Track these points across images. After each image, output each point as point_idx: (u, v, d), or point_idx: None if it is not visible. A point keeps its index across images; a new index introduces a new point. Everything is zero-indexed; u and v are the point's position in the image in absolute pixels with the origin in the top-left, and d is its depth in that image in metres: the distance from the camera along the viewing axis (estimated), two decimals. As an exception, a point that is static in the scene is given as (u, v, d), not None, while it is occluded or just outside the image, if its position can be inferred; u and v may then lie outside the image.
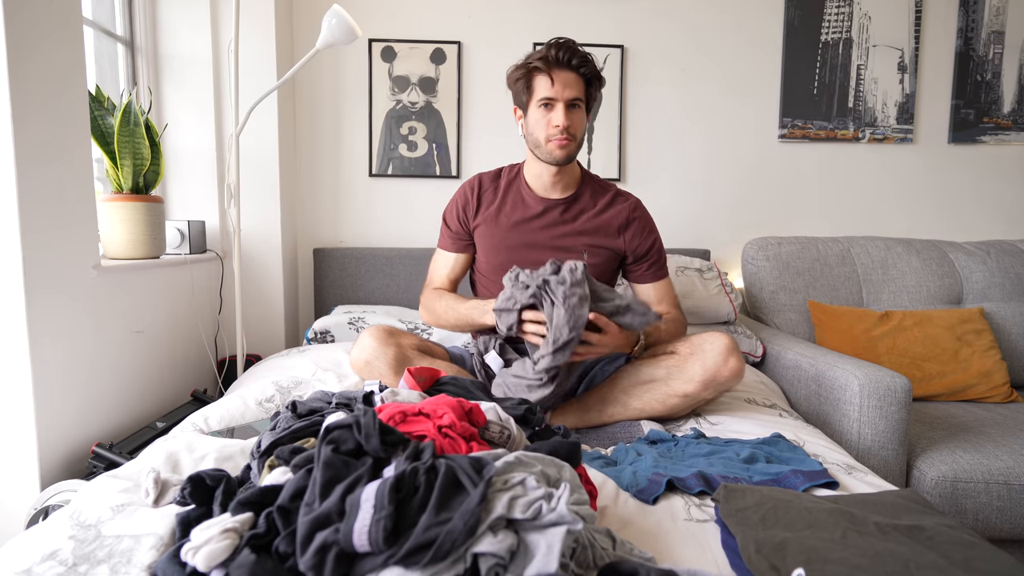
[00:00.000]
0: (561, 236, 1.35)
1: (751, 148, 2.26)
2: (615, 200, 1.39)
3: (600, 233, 1.36)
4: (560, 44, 1.24)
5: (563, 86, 1.24)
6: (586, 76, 1.26)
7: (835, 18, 2.21)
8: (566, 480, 0.61)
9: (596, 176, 1.44)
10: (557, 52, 1.24)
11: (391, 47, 2.15)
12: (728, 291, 1.92)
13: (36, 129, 1.10)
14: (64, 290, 1.18)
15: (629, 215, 1.37)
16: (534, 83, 1.27)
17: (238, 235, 1.72)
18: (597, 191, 1.40)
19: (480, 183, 1.42)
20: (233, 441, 0.96)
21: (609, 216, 1.37)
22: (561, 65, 1.24)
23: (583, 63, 1.25)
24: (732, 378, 1.18)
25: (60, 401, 1.18)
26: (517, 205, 1.37)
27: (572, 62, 1.24)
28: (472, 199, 1.40)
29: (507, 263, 1.29)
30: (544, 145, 1.28)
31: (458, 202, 1.42)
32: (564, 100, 1.25)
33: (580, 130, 1.29)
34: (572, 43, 1.25)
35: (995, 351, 1.77)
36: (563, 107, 1.25)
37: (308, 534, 0.51)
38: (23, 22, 1.07)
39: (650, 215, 1.41)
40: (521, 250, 1.35)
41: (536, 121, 1.28)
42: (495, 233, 1.37)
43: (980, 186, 2.31)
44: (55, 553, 0.65)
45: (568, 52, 1.24)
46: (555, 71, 1.24)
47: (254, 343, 2.01)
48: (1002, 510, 1.28)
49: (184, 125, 1.89)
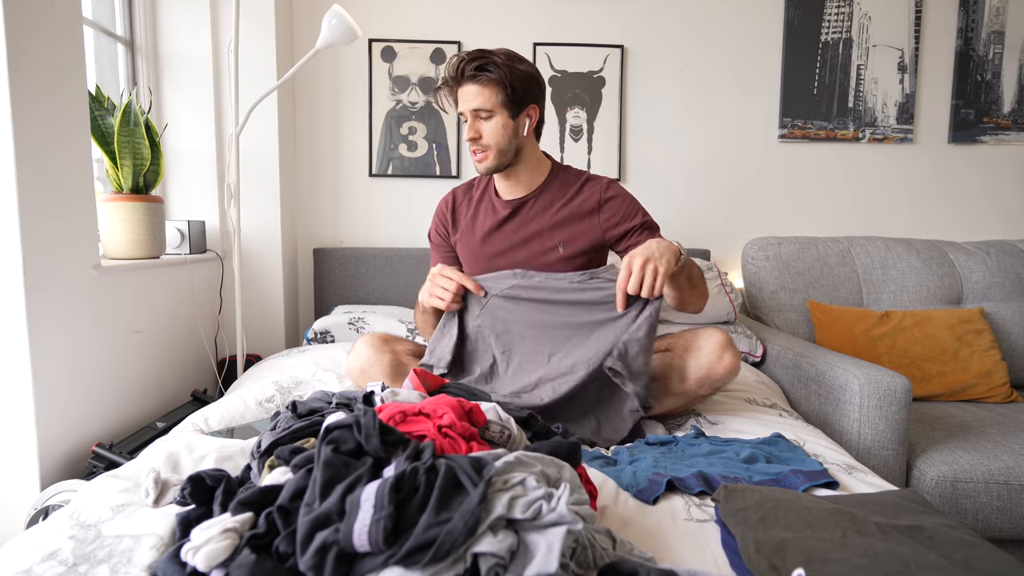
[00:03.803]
0: (534, 234, 1.31)
1: (751, 148, 2.26)
2: (584, 185, 1.33)
3: (572, 222, 1.30)
4: (457, 59, 1.23)
5: (464, 99, 1.24)
6: (494, 81, 1.20)
7: (835, 18, 2.21)
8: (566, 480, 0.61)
9: (569, 167, 1.38)
10: (456, 68, 1.23)
11: (391, 47, 2.15)
12: (728, 291, 1.92)
13: (36, 129, 1.10)
14: (64, 290, 1.19)
15: (601, 196, 1.31)
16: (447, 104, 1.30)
17: (238, 235, 1.72)
18: (568, 181, 1.34)
19: (453, 199, 1.44)
20: (233, 441, 0.96)
21: (579, 202, 1.31)
22: (458, 81, 1.23)
23: (480, 70, 1.20)
24: (727, 374, 1.17)
25: (60, 401, 1.18)
26: (488, 213, 1.37)
27: (466, 72, 1.21)
28: (448, 215, 1.42)
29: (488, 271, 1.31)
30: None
31: (436, 220, 1.45)
32: (469, 112, 1.24)
33: (495, 139, 1.23)
34: (472, 53, 1.22)
35: (995, 351, 1.77)
36: (471, 119, 1.24)
37: (308, 534, 0.51)
38: (23, 22, 1.07)
39: (627, 192, 1.35)
40: (497, 258, 1.34)
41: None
42: (471, 243, 1.38)
43: (980, 186, 2.31)
44: (55, 553, 0.65)
45: (462, 64, 1.22)
46: (456, 89, 1.25)
47: (254, 343, 2.01)
48: (1002, 510, 1.28)
49: (184, 125, 1.89)
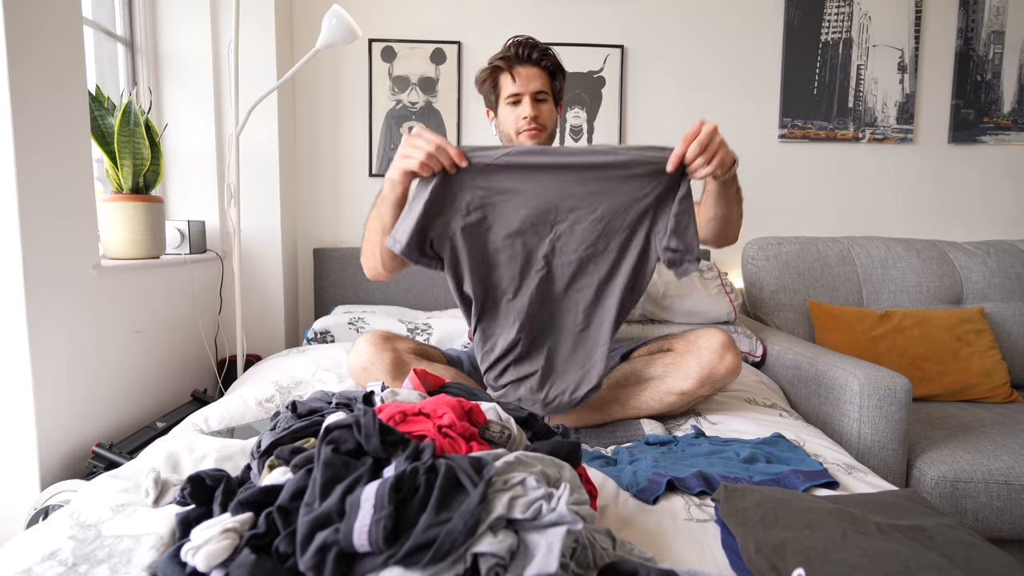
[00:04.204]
0: None
1: (751, 148, 2.26)
2: None
3: None
4: (519, 42, 1.29)
5: (526, 80, 1.28)
6: (548, 69, 1.31)
7: (835, 18, 2.21)
8: (566, 480, 0.61)
9: None
10: (517, 49, 1.28)
11: (391, 47, 2.15)
12: (728, 291, 1.92)
13: (36, 129, 1.10)
14: (64, 290, 1.18)
15: None
16: (500, 82, 1.31)
17: (238, 235, 1.72)
18: None
19: None
20: (233, 441, 0.96)
21: None
22: (522, 61, 1.29)
23: (543, 56, 1.29)
24: (728, 375, 1.18)
25: (60, 401, 1.18)
26: None
27: (532, 56, 1.28)
28: None
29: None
30: (516, 139, 1.32)
31: None
32: (529, 93, 1.28)
33: (550, 121, 1.32)
34: (531, 39, 1.30)
35: (995, 351, 1.77)
36: (529, 100, 1.28)
37: (308, 534, 0.51)
38: (23, 22, 1.07)
39: None
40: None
41: (506, 118, 1.32)
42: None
43: (980, 186, 2.31)
44: (55, 553, 0.65)
45: (527, 48, 1.28)
46: (516, 68, 1.29)
47: (254, 343, 2.01)
48: (1002, 510, 1.28)
49: (184, 125, 1.89)
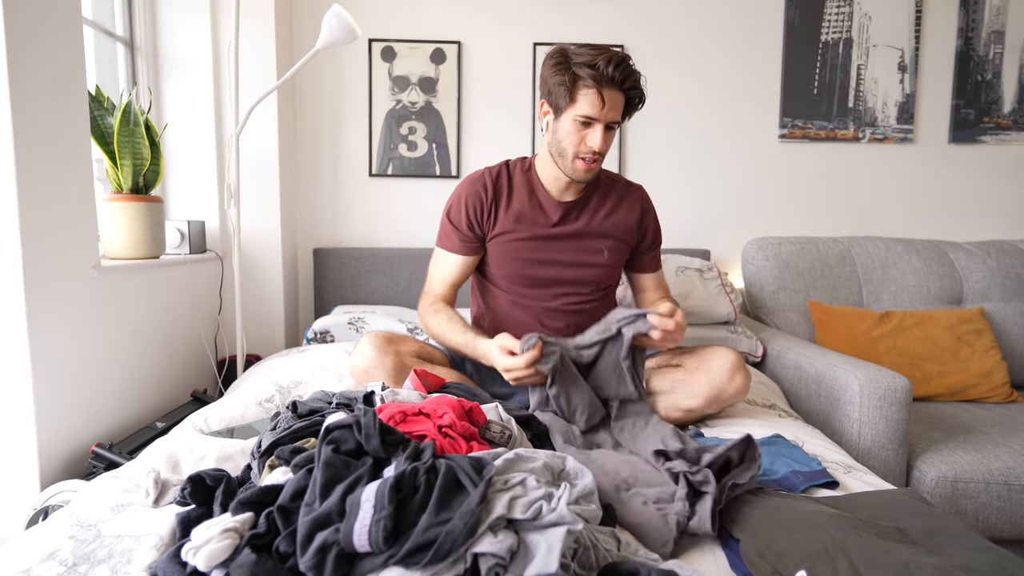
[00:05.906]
0: (582, 240, 1.31)
1: (751, 148, 2.26)
2: (627, 193, 1.35)
3: (619, 230, 1.33)
4: (618, 61, 1.13)
5: (609, 108, 1.14)
6: (630, 101, 1.19)
7: (835, 18, 2.21)
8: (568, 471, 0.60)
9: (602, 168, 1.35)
10: (613, 70, 1.12)
11: (391, 47, 2.15)
12: (728, 291, 1.92)
13: (36, 129, 1.10)
14: (64, 290, 1.18)
15: (643, 207, 1.36)
16: (578, 93, 1.15)
17: (238, 235, 1.72)
18: (607, 184, 1.35)
19: (493, 183, 1.31)
20: (233, 441, 0.96)
21: (625, 211, 1.33)
22: (614, 84, 1.14)
23: (633, 86, 1.17)
24: (737, 395, 1.17)
25: (60, 401, 1.18)
26: (537, 211, 1.30)
27: (624, 84, 1.15)
28: (487, 200, 1.30)
29: (524, 276, 1.29)
30: (571, 161, 1.21)
31: (468, 201, 1.30)
32: (605, 122, 1.16)
33: (608, 149, 1.21)
34: (627, 59, 1.15)
35: (995, 351, 1.77)
36: (602, 129, 1.16)
37: (308, 534, 0.51)
38: (23, 22, 1.07)
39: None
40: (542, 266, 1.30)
41: (569, 133, 1.19)
42: (515, 243, 1.30)
43: (980, 186, 2.31)
44: (55, 553, 0.65)
45: (623, 72, 1.13)
46: (605, 89, 1.13)
47: (254, 343, 2.01)
48: (1002, 510, 1.28)
49: (184, 125, 1.89)
